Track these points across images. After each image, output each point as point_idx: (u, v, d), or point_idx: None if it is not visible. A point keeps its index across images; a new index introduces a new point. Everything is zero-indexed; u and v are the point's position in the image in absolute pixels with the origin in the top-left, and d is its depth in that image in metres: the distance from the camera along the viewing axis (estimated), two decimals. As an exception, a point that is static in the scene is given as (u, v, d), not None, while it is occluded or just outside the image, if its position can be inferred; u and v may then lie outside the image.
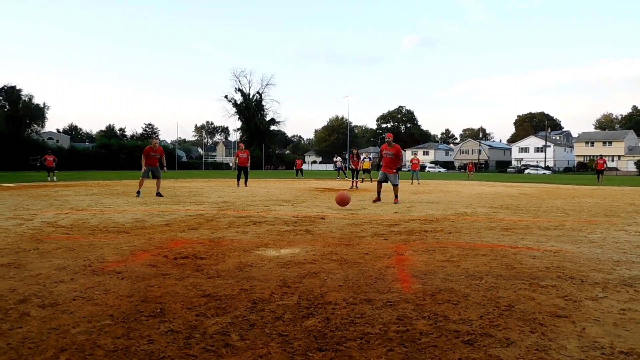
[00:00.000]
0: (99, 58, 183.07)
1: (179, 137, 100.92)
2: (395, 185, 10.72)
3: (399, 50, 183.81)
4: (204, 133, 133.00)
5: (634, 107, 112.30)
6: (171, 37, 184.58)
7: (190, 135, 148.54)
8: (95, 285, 3.35)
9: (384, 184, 10.90)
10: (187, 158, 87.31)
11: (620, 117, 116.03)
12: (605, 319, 2.74)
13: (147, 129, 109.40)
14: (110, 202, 10.43)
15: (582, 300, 3.11)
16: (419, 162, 26.10)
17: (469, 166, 37.76)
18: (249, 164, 17.89)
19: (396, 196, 10.75)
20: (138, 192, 11.72)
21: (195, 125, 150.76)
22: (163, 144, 78.87)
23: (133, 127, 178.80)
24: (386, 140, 10.93)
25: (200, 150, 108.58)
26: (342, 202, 9.10)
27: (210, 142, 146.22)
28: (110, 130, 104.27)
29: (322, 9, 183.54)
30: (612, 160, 74.68)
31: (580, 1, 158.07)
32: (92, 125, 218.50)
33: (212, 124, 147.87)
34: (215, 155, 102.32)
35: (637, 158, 75.79)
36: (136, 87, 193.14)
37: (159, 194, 11.90)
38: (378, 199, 10.70)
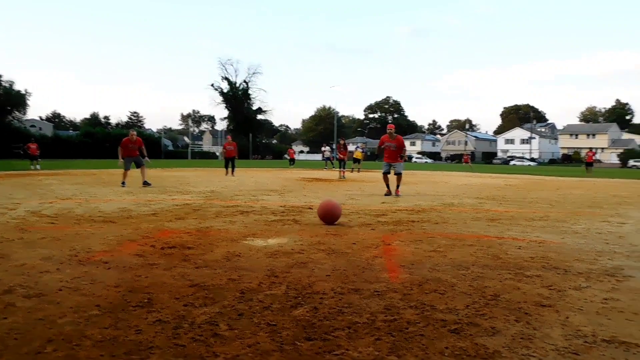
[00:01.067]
0: (82, 44, 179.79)
1: (165, 126, 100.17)
2: (399, 174, 10.30)
3: (388, 41, 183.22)
4: (190, 122, 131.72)
5: (617, 101, 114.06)
6: (157, 24, 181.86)
7: (176, 124, 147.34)
8: (82, 276, 3.32)
9: (388, 175, 10.47)
10: (174, 147, 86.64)
11: (603, 110, 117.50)
12: (588, 308, 2.79)
13: (132, 117, 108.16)
14: (96, 191, 10.32)
15: (566, 289, 3.16)
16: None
17: (464, 157, 38.77)
18: (236, 155, 19.00)
19: (398, 186, 10.32)
20: (123, 183, 11.60)
21: (182, 114, 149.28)
22: (148, 132, 78.47)
23: (118, 115, 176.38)
24: (388, 131, 10.49)
25: (186, 139, 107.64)
26: (328, 216, 5.94)
27: (197, 131, 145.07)
28: (94, 118, 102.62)
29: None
30: (596, 153, 75.86)
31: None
32: (76, 113, 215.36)
33: (198, 112, 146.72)
34: (202, 144, 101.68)
35: (620, 150, 77.04)
36: (121, 74, 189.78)
37: (145, 183, 11.81)
38: (389, 192, 10.26)
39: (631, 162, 64.92)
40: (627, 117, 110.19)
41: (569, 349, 2.19)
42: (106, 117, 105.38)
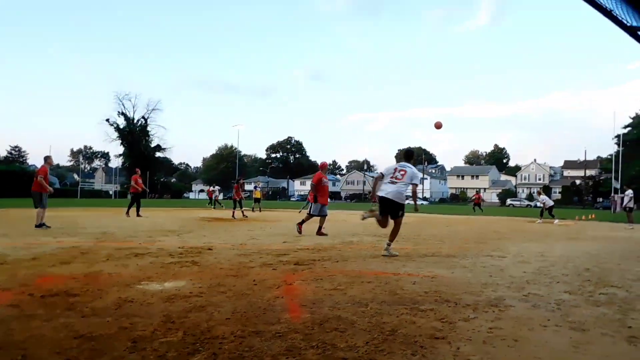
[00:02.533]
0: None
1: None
2: (325, 215, 10.53)
3: (289, 82, 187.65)
4: (81, 158, 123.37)
5: (496, 145, 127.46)
6: (44, 50, 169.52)
7: (65, 160, 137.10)
8: (-60, 332, 2.89)
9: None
10: (61, 185, 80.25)
11: (484, 153, 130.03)
12: (476, 337, 2.98)
13: (13, 151, 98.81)
14: (-37, 234, 9.15)
15: (457, 321, 3.35)
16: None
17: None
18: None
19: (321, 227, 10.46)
20: (43, 224, 10.38)
21: (72, 150, 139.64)
22: (32, 169, 72.05)
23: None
24: (323, 170, 10.75)
25: (76, 176, 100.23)
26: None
27: (88, 167, 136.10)
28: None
29: (214, 38, 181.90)
30: (479, 192, 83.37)
31: (449, 48, 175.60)
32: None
33: (90, 148, 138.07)
34: (94, 182, 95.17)
35: (499, 190, 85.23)
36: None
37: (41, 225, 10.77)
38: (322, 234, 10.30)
39: (509, 201, 72.00)
40: (504, 161, 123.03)
41: (460, 379, 2.30)
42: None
